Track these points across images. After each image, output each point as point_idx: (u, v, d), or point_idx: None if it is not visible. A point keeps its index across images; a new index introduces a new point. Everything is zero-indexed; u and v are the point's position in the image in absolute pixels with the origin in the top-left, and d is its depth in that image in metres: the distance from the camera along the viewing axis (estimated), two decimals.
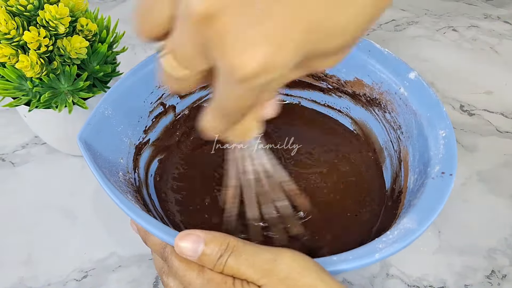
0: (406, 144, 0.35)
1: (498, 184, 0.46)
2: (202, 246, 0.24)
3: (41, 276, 0.40)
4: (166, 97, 0.39)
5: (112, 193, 0.28)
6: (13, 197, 0.45)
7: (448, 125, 0.31)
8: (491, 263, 0.40)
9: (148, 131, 0.39)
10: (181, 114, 0.42)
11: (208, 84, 0.20)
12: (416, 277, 0.40)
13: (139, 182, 0.36)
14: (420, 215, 0.27)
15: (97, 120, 0.32)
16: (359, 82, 0.39)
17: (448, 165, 0.29)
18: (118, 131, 0.35)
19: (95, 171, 0.29)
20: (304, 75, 0.23)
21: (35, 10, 0.36)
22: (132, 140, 0.37)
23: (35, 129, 0.46)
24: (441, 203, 0.27)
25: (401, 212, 0.32)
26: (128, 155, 0.36)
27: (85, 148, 0.30)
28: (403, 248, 0.25)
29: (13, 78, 0.38)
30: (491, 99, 0.55)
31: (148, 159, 0.39)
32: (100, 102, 0.33)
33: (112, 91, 0.34)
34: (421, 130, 0.32)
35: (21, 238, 0.42)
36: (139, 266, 0.40)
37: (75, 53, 0.37)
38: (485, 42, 0.62)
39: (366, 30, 0.18)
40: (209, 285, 0.24)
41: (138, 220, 0.27)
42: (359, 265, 0.25)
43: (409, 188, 0.33)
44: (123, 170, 0.34)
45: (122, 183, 0.32)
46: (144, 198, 0.36)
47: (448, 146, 0.30)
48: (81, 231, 0.43)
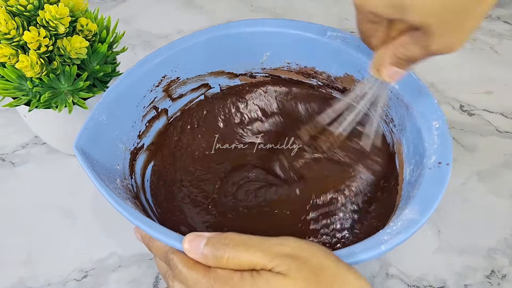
0: (399, 137, 0.36)
1: (498, 184, 0.46)
2: (204, 242, 0.24)
3: (41, 276, 0.40)
4: (158, 100, 0.39)
5: (114, 201, 0.28)
6: (13, 197, 0.45)
7: (441, 116, 0.32)
8: (491, 263, 0.41)
9: (142, 135, 0.39)
10: (173, 117, 0.42)
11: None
12: (416, 277, 0.40)
13: (136, 188, 0.36)
14: (421, 205, 0.27)
15: (92, 126, 0.32)
16: (350, 77, 0.39)
17: (444, 155, 0.30)
18: (113, 137, 0.35)
19: (94, 180, 0.29)
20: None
21: (35, 10, 0.36)
22: (127, 146, 0.37)
23: (35, 129, 0.46)
24: (440, 192, 0.28)
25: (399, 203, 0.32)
26: (124, 161, 0.36)
27: (82, 156, 0.30)
28: (407, 238, 0.26)
29: (13, 78, 0.38)
30: (491, 99, 0.55)
31: (144, 164, 0.39)
32: (94, 108, 0.33)
33: (105, 97, 0.34)
34: (414, 122, 0.33)
35: (21, 238, 0.42)
36: (139, 266, 0.40)
37: (75, 53, 0.37)
38: (485, 42, 0.62)
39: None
40: (216, 284, 0.23)
41: (142, 226, 0.26)
42: (366, 257, 0.25)
43: (406, 180, 0.33)
44: (120, 177, 0.34)
45: (120, 190, 0.32)
46: (143, 203, 0.36)
47: (442, 136, 0.31)
48: (81, 231, 0.43)
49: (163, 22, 0.65)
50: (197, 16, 0.65)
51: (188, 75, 0.40)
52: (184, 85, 0.41)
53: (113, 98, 0.34)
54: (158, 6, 0.68)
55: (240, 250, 0.23)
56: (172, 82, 0.39)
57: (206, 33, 0.39)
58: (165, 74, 0.38)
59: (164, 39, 0.62)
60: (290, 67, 0.42)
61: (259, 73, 0.43)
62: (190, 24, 0.64)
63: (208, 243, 0.24)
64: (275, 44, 0.40)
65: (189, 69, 0.40)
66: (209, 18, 0.65)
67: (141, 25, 0.64)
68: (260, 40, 0.40)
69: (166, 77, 0.39)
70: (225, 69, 0.42)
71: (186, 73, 0.40)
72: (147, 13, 0.66)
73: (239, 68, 0.42)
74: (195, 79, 0.41)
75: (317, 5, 0.68)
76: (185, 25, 0.64)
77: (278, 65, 0.42)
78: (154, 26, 0.64)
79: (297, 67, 0.42)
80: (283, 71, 0.42)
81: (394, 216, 0.30)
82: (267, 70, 0.43)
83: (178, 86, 0.40)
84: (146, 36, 0.63)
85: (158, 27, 0.64)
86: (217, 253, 0.23)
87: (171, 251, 0.26)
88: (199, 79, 0.41)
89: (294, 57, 0.41)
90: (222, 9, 0.67)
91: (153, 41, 0.62)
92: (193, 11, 0.67)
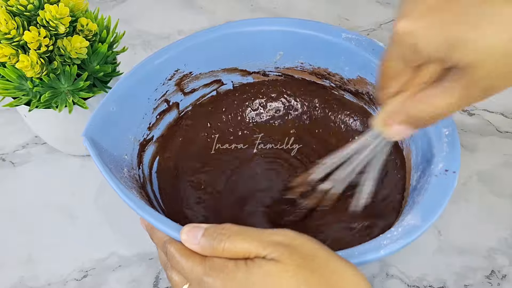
0: (409, 143, 0.36)
1: (498, 184, 0.46)
2: (202, 232, 0.25)
3: (41, 275, 0.40)
4: (170, 94, 0.39)
5: (118, 188, 0.28)
6: (13, 197, 0.45)
7: (452, 123, 0.32)
8: (491, 263, 0.40)
9: (152, 128, 0.39)
10: (184, 111, 0.42)
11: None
12: (416, 277, 0.40)
13: (143, 179, 0.37)
14: (424, 211, 0.27)
15: (102, 116, 0.33)
16: (362, 80, 0.39)
17: (452, 162, 0.29)
18: (122, 127, 0.35)
19: (101, 168, 0.29)
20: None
21: (35, 10, 0.36)
22: (137, 137, 0.37)
23: (35, 129, 0.46)
24: (445, 200, 0.27)
25: (404, 209, 0.32)
26: (132, 151, 0.36)
27: (91, 144, 0.30)
28: (408, 244, 0.26)
29: (14, 78, 0.38)
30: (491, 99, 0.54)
31: (152, 156, 0.39)
32: (105, 99, 0.33)
33: (117, 87, 0.35)
34: (424, 129, 0.33)
35: (21, 238, 0.42)
36: (140, 265, 0.40)
37: (75, 53, 0.37)
38: None
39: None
40: (211, 271, 0.24)
41: (143, 214, 0.27)
42: (364, 260, 0.25)
43: (412, 185, 0.33)
44: (128, 167, 0.34)
45: (127, 179, 0.32)
46: (149, 194, 0.36)
47: (451, 144, 0.31)
48: (81, 230, 0.43)
49: (163, 22, 0.65)
50: (197, 16, 0.65)
51: (201, 70, 0.40)
52: (197, 80, 0.41)
53: (124, 89, 0.35)
54: (159, 6, 0.67)
55: (237, 240, 0.24)
56: (184, 76, 0.40)
57: (221, 29, 0.39)
58: (178, 68, 0.39)
59: (164, 39, 0.62)
60: (304, 67, 0.42)
61: (272, 71, 0.43)
62: (190, 24, 0.64)
63: (205, 234, 0.25)
64: (289, 44, 0.40)
65: (202, 64, 0.40)
66: (209, 18, 0.65)
67: (141, 25, 0.64)
68: (274, 39, 0.40)
69: (178, 71, 0.39)
70: (238, 66, 0.42)
71: (199, 68, 0.40)
72: (147, 13, 0.66)
73: (253, 66, 0.42)
74: (207, 74, 0.41)
75: (317, 5, 0.68)
76: (185, 25, 0.64)
77: (292, 64, 0.42)
78: (154, 26, 0.64)
79: (310, 68, 0.42)
80: (296, 70, 0.42)
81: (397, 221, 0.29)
82: (280, 69, 0.43)
83: (190, 80, 0.40)
84: (147, 36, 0.63)
85: (158, 27, 0.64)
86: (213, 243, 0.24)
87: (169, 241, 0.27)
88: (212, 75, 0.41)
89: (308, 58, 0.41)
90: (222, 9, 0.67)
91: (153, 41, 0.62)
92: (193, 11, 0.67)
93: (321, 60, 0.41)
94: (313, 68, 0.41)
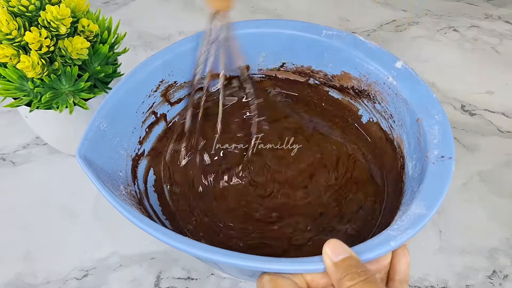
0: (399, 132, 0.36)
1: (500, 184, 0.46)
2: (346, 255, 0.24)
3: (40, 273, 0.40)
4: (157, 105, 0.39)
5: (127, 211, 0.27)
6: (13, 196, 0.46)
7: (440, 110, 0.32)
8: (492, 263, 0.40)
9: (142, 141, 0.39)
10: (172, 122, 0.42)
11: None
12: (417, 277, 0.39)
13: (140, 194, 0.36)
14: (427, 200, 0.27)
15: (93, 134, 0.32)
16: (347, 75, 0.39)
17: (446, 148, 0.30)
18: (114, 144, 0.35)
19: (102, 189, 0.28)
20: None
21: (36, 10, 0.36)
22: (128, 152, 0.37)
23: (36, 130, 0.46)
24: (445, 186, 0.28)
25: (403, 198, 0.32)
26: (126, 167, 0.36)
27: (86, 165, 0.30)
28: (416, 233, 0.26)
29: (14, 79, 0.38)
30: (492, 99, 0.55)
31: (145, 170, 0.39)
32: (94, 116, 0.33)
33: (105, 103, 0.34)
34: (413, 117, 0.33)
35: (21, 238, 0.42)
36: (140, 265, 0.40)
37: (76, 53, 0.38)
38: (486, 42, 0.62)
39: None
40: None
41: (167, 240, 0.26)
42: (376, 254, 0.25)
43: (408, 175, 0.33)
44: (124, 183, 0.34)
45: (125, 197, 0.32)
46: (147, 209, 0.36)
47: (443, 130, 0.31)
48: (82, 230, 0.43)
49: (164, 23, 0.65)
50: (198, 17, 0.65)
51: (185, 79, 0.40)
52: (182, 89, 0.41)
53: (112, 105, 0.34)
54: (160, 8, 0.68)
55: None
56: (169, 86, 0.39)
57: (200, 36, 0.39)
58: (163, 79, 0.39)
59: (165, 41, 0.62)
60: (287, 67, 0.42)
61: (255, 74, 0.43)
62: (191, 26, 0.64)
63: (347, 260, 0.24)
64: (271, 45, 0.40)
65: (187, 73, 0.40)
66: None
67: (142, 26, 0.64)
68: (256, 42, 0.40)
69: (163, 82, 0.39)
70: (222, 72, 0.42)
71: (183, 77, 0.40)
72: (148, 15, 0.66)
73: (236, 70, 0.42)
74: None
75: (318, 6, 0.68)
76: (186, 26, 0.64)
77: (274, 65, 0.42)
78: (155, 28, 0.64)
79: (293, 67, 0.42)
80: (279, 71, 0.43)
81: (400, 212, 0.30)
82: (264, 71, 0.43)
83: (176, 90, 0.40)
84: (148, 37, 0.63)
85: (159, 28, 0.64)
86: (349, 275, 0.23)
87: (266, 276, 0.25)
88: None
89: (290, 57, 0.41)
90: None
91: (154, 42, 0.62)
92: (194, 13, 0.67)
93: (303, 59, 0.41)
94: (296, 67, 0.42)
